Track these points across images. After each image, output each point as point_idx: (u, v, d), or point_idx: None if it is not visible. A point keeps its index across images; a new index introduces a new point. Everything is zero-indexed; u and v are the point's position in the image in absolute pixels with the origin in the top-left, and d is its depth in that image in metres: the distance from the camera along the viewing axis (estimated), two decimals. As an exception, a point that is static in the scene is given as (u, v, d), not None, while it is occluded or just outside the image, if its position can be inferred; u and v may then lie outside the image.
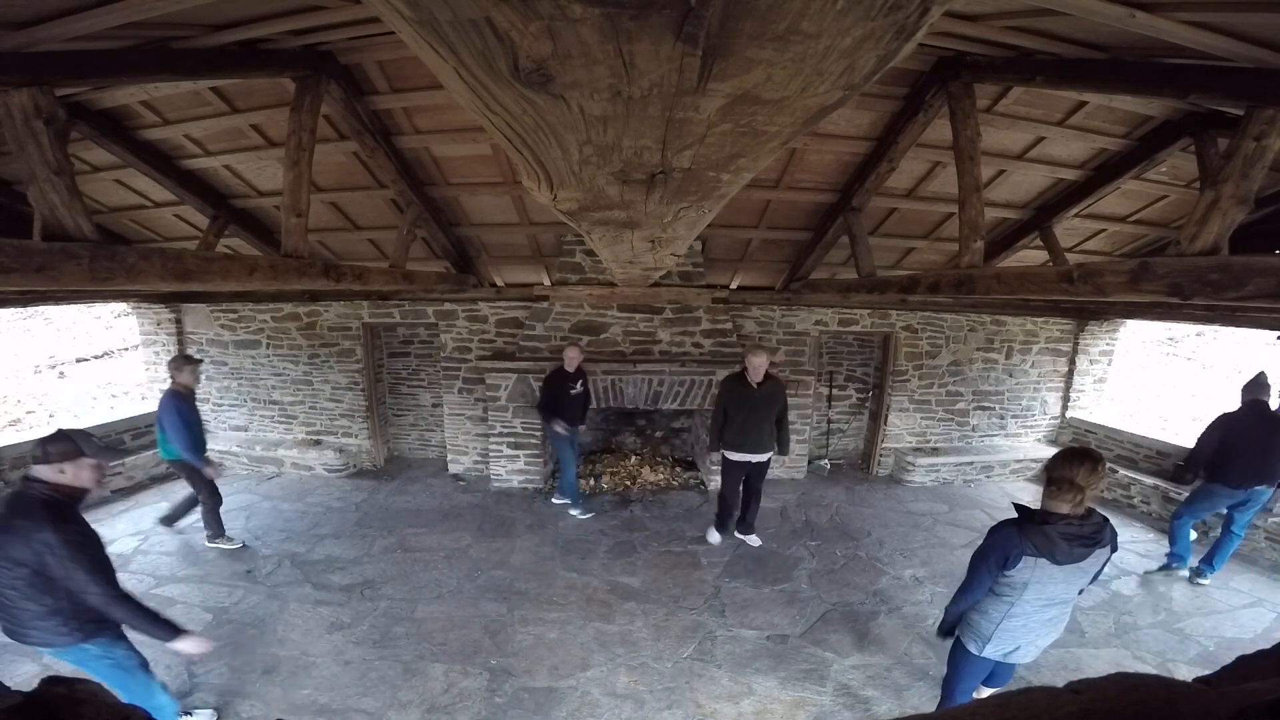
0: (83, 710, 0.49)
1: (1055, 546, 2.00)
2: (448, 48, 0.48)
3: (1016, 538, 2.04)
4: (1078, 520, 2.00)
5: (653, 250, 1.77)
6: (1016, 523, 2.08)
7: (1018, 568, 2.06)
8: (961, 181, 3.06)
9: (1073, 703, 0.50)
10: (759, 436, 4.47)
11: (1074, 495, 1.96)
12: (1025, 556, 2.03)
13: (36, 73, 2.01)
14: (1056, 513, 2.00)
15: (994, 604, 2.21)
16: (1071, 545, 2.00)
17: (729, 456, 4.59)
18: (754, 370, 4.34)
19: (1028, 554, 2.03)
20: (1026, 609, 2.16)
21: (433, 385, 6.72)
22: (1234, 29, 2.02)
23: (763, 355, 4.34)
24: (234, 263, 2.63)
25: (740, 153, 0.75)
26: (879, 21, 0.43)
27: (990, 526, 2.19)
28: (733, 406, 4.47)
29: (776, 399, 4.48)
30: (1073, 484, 1.95)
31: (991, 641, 2.25)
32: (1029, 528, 2.03)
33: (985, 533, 2.21)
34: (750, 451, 4.52)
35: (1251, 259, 1.85)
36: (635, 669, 3.26)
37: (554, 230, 5.16)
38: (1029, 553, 2.02)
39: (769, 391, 4.43)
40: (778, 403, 4.50)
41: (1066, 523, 1.99)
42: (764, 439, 4.49)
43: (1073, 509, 1.98)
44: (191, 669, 3.16)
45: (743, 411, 4.44)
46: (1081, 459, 1.98)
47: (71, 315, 13.12)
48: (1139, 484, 5.68)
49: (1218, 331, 11.94)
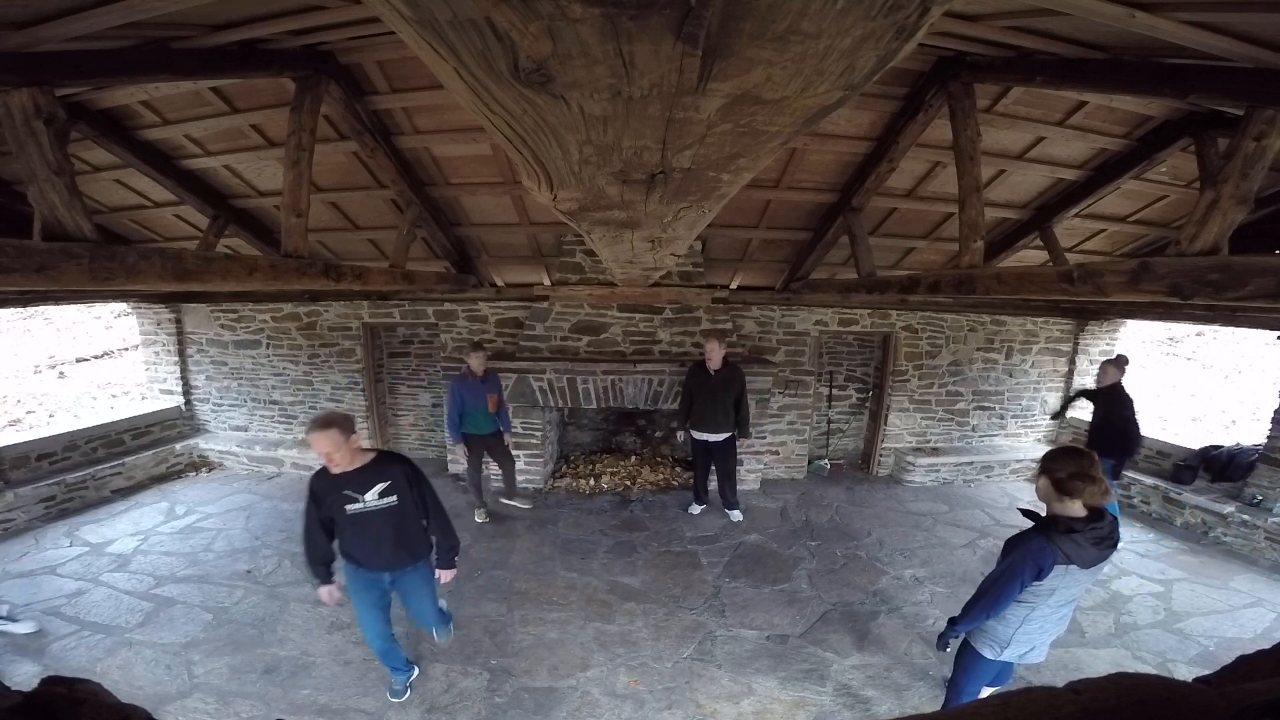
0: (83, 710, 0.49)
1: (1085, 552, 1.98)
2: (448, 48, 0.48)
3: (1048, 548, 1.99)
4: (1097, 522, 2.00)
5: (653, 250, 1.77)
6: (1039, 531, 2.03)
7: (1049, 577, 2.03)
8: (961, 181, 3.06)
9: (1073, 703, 0.50)
10: (714, 418, 4.91)
11: (1098, 487, 1.96)
12: (1056, 565, 2.00)
13: (36, 73, 2.01)
14: (1078, 516, 1.99)
15: (1014, 610, 2.16)
16: (1099, 548, 2.00)
17: (694, 435, 5.09)
18: (710, 357, 4.75)
19: (1059, 562, 1.99)
20: (1045, 612, 2.14)
21: (433, 385, 6.72)
22: (1234, 29, 2.02)
23: (714, 342, 4.72)
24: (234, 263, 2.63)
25: (740, 153, 0.75)
26: (879, 21, 0.43)
27: (1010, 540, 2.12)
28: (695, 391, 4.93)
29: (733, 384, 4.89)
30: (1091, 477, 1.95)
31: (1010, 646, 2.22)
32: (1056, 536, 1.98)
33: (1003, 547, 2.13)
34: (708, 432, 4.99)
35: (1251, 259, 1.85)
36: (635, 669, 3.26)
37: (554, 230, 5.16)
38: (1059, 560, 1.99)
39: (726, 378, 4.85)
40: (734, 388, 4.90)
41: (1092, 527, 1.98)
42: (719, 421, 4.92)
43: (1103, 497, 1.97)
44: (192, 669, 3.17)
45: (701, 395, 4.89)
46: (1077, 452, 2.00)
47: (71, 315, 13.12)
48: (1139, 484, 5.68)
49: (1218, 331, 11.94)
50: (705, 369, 4.84)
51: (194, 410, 6.78)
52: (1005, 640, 2.22)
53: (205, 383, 6.70)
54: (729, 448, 5.10)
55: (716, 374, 4.81)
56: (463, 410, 4.81)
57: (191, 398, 6.76)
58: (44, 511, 5.01)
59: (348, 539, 2.63)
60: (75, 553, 4.44)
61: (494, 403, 4.87)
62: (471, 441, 4.91)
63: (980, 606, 2.18)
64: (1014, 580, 2.06)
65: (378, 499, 2.55)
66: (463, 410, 4.81)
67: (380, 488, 2.54)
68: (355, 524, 2.57)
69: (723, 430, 4.98)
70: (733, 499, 5.28)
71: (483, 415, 4.85)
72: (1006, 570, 2.08)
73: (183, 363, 6.66)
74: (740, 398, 4.94)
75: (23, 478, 5.02)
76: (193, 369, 6.70)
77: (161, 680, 3.09)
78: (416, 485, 2.65)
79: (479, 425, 4.88)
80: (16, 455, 5.05)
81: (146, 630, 3.51)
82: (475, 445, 4.95)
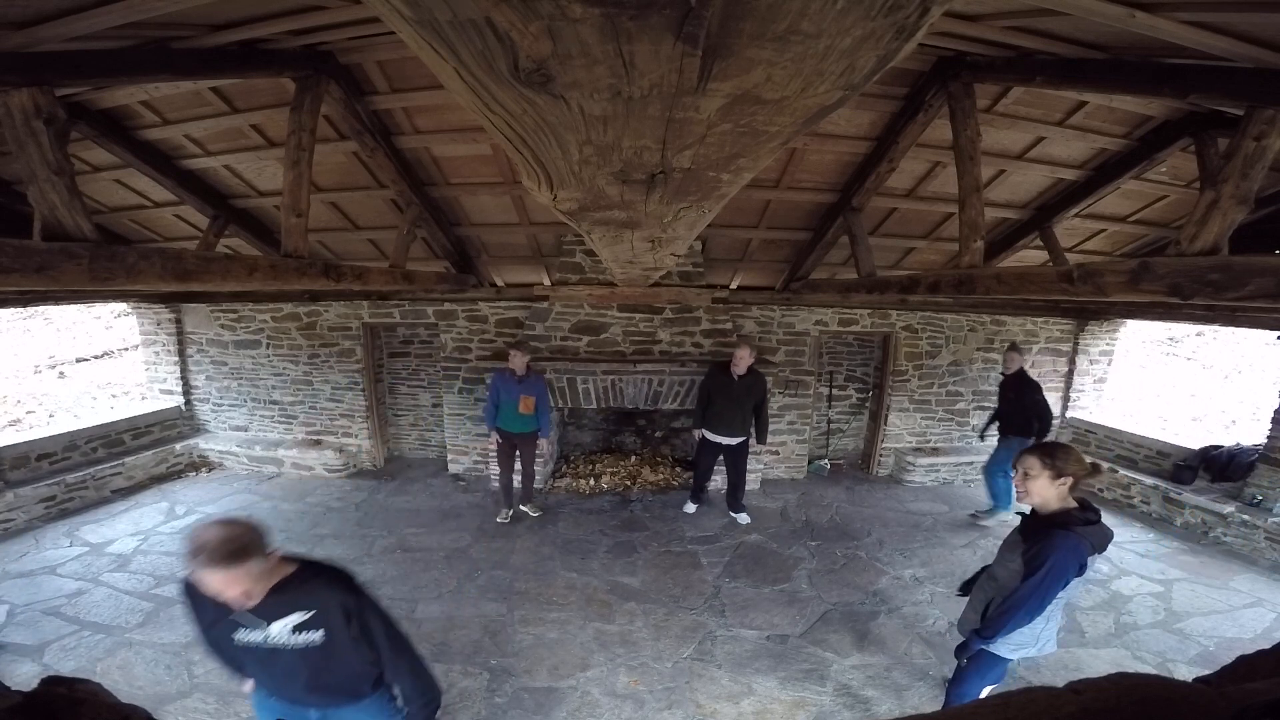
0: (83, 710, 0.49)
1: (1106, 536, 2.03)
2: (448, 48, 0.48)
3: (1081, 544, 1.98)
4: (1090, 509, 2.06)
5: (653, 250, 1.77)
6: (1063, 528, 1.99)
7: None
8: (961, 181, 3.06)
9: (1073, 703, 0.50)
10: (732, 422, 4.95)
11: (1096, 470, 2.04)
12: (1088, 558, 2.03)
13: (36, 73, 2.01)
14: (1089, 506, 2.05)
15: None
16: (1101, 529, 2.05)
17: (706, 436, 5.10)
18: (737, 363, 4.81)
19: (1088, 554, 2.02)
20: (1058, 603, 2.15)
21: (433, 385, 6.71)
22: (1234, 29, 2.02)
23: (746, 350, 4.81)
24: (234, 263, 2.63)
25: (740, 153, 0.75)
26: (879, 21, 0.43)
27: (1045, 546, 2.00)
28: (715, 393, 4.95)
29: (755, 391, 4.94)
30: (1089, 463, 2.04)
31: (1037, 644, 2.22)
32: (1083, 530, 1.99)
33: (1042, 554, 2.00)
34: (723, 435, 5.01)
35: (1251, 259, 1.85)
36: (635, 669, 3.26)
37: (554, 230, 5.16)
38: (1089, 552, 2.01)
39: (749, 383, 4.89)
40: (756, 395, 4.95)
41: (1094, 513, 2.05)
42: (736, 425, 4.96)
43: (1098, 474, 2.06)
44: (192, 669, 3.16)
45: (721, 398, 4.91)
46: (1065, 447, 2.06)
47: (71, 315, 13.12)
48: (1139, 484, 5.68)
49: (1218, 331, 11.94)
50: (728, 372, 4.86)
51: (194, 410, 6.78)
52: (1027, 642, 2.20)
53: (205, 383, 6.70)
54: (742, 452, 5.10)
55: (740, 379, 4.85)
56: (499, 403, 4.87)
57: (191, 398, 6.75)
58: (44, 511, 5.00)
59: (245, 666, 1.76)
60: (75, 553, 4.44)
61: (526, 404, 4.86)
62: (505, 437, 4.95)
63: (1020, 614, 2.09)
64: (1058, 583, 2.02)
65: (290, 635, 1.61)
66: (499, 403, 4.87)
67: (296, 620, 1.61)
68: (251, 655, 1.68)
69: (738, 434, 4.99)
70: (739, 503, 5.27)
71: (515, 414, 4.87)
72: (1048, 574, 2.00)
73: (183, 363, 6.66)
74: (761, 404, 4.99)
75: (23, 478, 5.02)
76: (193, 369, 6.70)
77: (161, 680, 3.09)
78: (359, 617, 1.67)
79: (510, 423, 4.91)
80: (16, 455, 5.05)
81: (146, 630, 3.51)
82: (506, 442, 4.98)
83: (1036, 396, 5.12)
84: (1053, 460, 2.03)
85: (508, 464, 5.07)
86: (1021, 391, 5.17)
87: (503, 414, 4.87)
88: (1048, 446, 2.09)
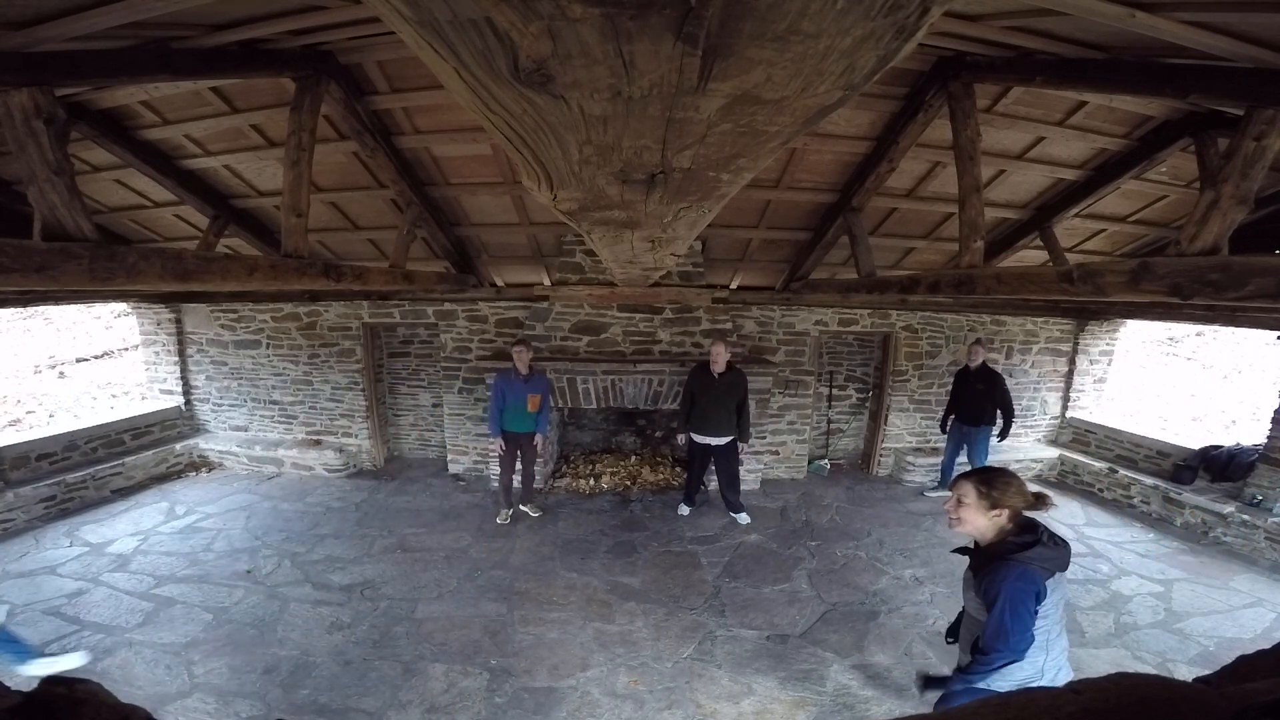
0: (83, 710, 0.49)
1: (1061, 552, 1.85)
2: (448, 48, 0.48)
3: (1029, 570, 1.79)
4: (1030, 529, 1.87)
5: (653, 250, 1.77)
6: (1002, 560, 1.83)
7: (1050, 597, 1.85)
8: (961, 181, 3.06)
9: (1073, 703, 0.50)
10: (718, 422, 4.89)
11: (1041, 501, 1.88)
12: (1046, 583, 1.83)
13: (36, 73, 2.01)
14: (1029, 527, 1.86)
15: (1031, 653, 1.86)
16: (1056, 545, 1.86)
17: (694, 438, 5.07)
18: (716, 360, 4.76)
19: (1045, 578, 1.83)
20: (1056, 628, 1.92)
21: (433, 385, 6.71)
22: (1234, 29, 2.02)
23: (721, 346, 4.75)
24: (234, 263, 2.63)
25: (740, 153, 0.75)
26: (879, 21, 0.43)
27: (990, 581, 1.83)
28: (698, 392, 4.90)
29: (737, 388, 4.89)
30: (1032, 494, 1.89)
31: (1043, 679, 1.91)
32: (1024, 556, 1.80)
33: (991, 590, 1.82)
34: (710, 435, 4.97)
35: (1251, 259, 1.85)
36: (635, 669, 3.26)
37: (554, 230, 5.16)
38: (1047, 577, 1.83)
39: (730, 381, 4.85)
40: (738, 392, 4.90)
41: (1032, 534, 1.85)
42: (722, 424, 4.91)
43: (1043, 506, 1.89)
44: (192, 669, 3.17)
45: (704, 398, 4.87)
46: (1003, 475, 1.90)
47: (71, 315, 13.12)
48: (1139, 484, 5.68)
49: (1218, 331, 11.94)
50: (709, 371, 4.82)
51: (194, 410, 6.78)
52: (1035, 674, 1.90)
53: (205, 383, 6.70)
54: (730, 451, 5.07)
55: (721, 377, 4.80)
56: (503, 406, 4.82)
57: (191, 398, 6.76)
58: (44, 511, 5.01)
59: None
60: (75, 553, 4.44)
61: (534, 402, 4.85)
62: (509, 439, 4.92)
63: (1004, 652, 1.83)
64: (1023, 613, 1.80)
65: None
66: (503, 406, 4.82)
67: None
68: None
69: (724, 434, 4.96)
70: (737, 502, 5.25)
71: (522, 414, 4.85)
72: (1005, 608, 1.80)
73: (183, 363, 6.66)
74: (742, 401, 4.93)
75: (23, 478, 5.02)
76: (193, 369, 6.70)
77: (161, 680, 3.09)
78: None
79: (517, 423, 4.88)
80: (16, 455, 5.05)
81: (146, 630, 3.51)
82: (511, 443, 4.96)
83: (1004, 385, 5.52)
84: (989, 490, 1.87)
85: (509, 465, 5.07)
86: (992, 384, 5.48)
87: (509, 415, 4.85)
88: (988, 475, 1.91)
